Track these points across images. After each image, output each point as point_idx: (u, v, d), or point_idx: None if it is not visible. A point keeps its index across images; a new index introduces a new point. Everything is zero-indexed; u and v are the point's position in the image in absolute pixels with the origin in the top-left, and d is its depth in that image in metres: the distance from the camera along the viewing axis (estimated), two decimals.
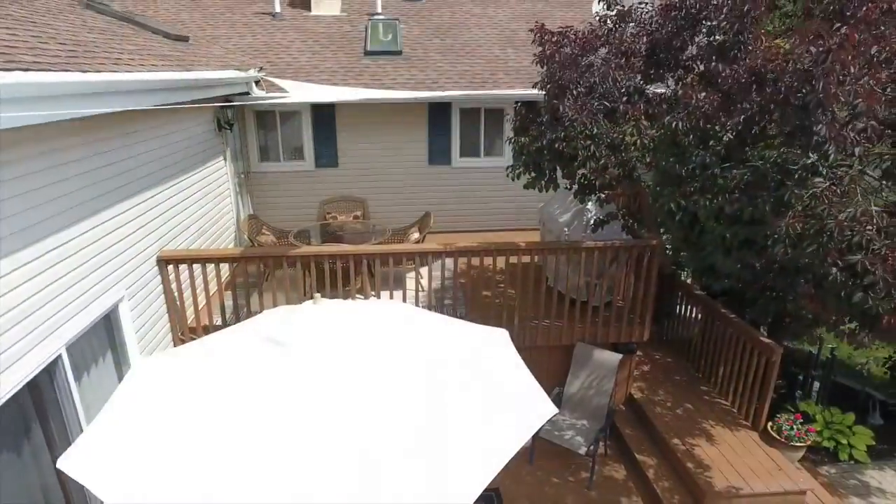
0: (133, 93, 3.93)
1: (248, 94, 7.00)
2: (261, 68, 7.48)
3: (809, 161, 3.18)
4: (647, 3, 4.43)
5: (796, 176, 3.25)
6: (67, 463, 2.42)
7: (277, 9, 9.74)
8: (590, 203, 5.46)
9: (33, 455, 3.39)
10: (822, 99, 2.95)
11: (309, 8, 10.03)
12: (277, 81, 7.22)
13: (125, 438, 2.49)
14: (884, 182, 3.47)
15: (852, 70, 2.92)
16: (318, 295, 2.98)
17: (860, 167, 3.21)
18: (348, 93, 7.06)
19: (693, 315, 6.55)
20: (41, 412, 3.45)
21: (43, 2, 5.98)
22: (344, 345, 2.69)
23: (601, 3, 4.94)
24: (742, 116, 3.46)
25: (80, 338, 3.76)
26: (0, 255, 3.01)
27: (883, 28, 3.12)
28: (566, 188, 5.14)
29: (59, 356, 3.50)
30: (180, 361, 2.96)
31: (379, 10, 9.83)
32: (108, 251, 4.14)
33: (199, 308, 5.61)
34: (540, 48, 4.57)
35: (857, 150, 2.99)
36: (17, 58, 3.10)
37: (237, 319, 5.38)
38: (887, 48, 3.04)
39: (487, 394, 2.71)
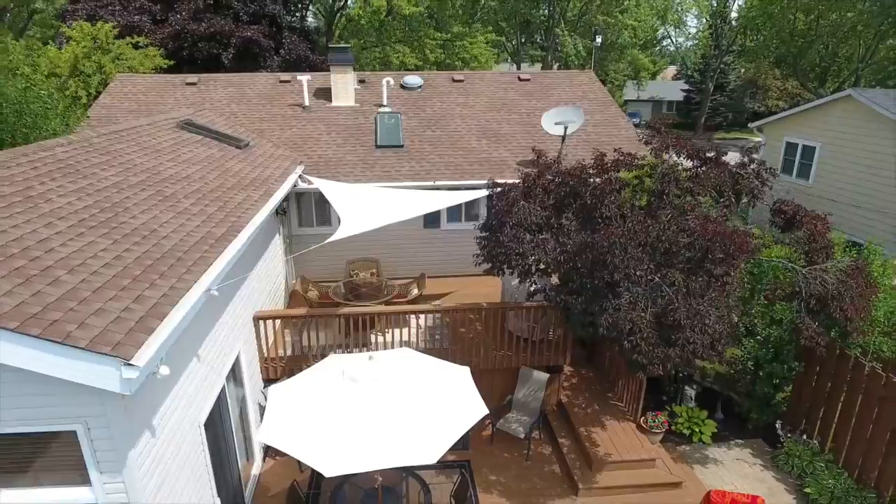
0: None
1: (295, 186, 9.95)
2: (301, 163, 10.41)
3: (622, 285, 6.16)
4: (552, 176, 7.38)
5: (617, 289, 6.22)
6: (260, 435, 5.37)
7: (307, 102, 12.67)
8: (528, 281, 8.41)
9: (224, 438, 6.28)
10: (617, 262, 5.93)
11: (330, 99, 12.95)
12: (312, 179, 10.13)
13: (282, 421, 5.43)
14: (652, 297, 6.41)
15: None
16: (374, 356, 5.92)
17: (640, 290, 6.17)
18: (360, 188, 9.99)
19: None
20: (221, 416, 6.36)
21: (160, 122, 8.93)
22: (385, 378, 5.65)
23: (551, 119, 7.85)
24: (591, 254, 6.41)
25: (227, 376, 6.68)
26: (213, 328, 5.93)
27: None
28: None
29: (224, 385, 6.42)
30: (295, 385, 5.92)
31: (384, 102, 12.77)
32: (239, 318, 7.06)
33: (269, 343, 8.53)
34: (490, 201, 7.52)
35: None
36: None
37: (295, 351, 8.33)
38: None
39: (449, 400, 5.68)
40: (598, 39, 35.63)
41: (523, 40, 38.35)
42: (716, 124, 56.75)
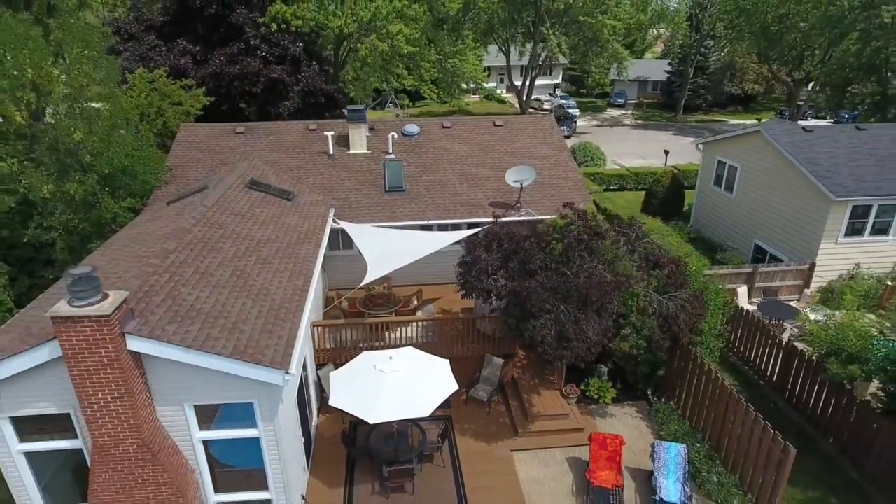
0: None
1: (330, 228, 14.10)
2: (332, 207, 14.51)
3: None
4: (501, 238, 11.51)
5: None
6: (331, 401, 9.75)
7: (332, 150, 16.65)
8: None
9: (302, 403, 10.60)
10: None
11: (348, 147, 16.91)
12: (342, 223, 14.23)
13: (340, 393, 9.78)
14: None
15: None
16: (392, 354, 10.26)
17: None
18: (375, 229, 14.11)
19: None
20: (301, 390, 10.67)
21: (234, 182, 12.98)
22: (399, 367, 10.00)
23: (511, 176, 12.09)
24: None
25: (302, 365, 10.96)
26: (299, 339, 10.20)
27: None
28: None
29: (304, 370, 10.71)
30: (347, 368, 10.27)
31: (390, 150, 16.75)
32: (306, 328, 11.30)
33: (318, 340, 12.80)
34: (467, 244, 11.69)
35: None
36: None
37: (335, 345, 12.63)
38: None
39: (436, 380, 10.06)
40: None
41: (511, 36, 41.55)
42: (696, 105, 60.11)
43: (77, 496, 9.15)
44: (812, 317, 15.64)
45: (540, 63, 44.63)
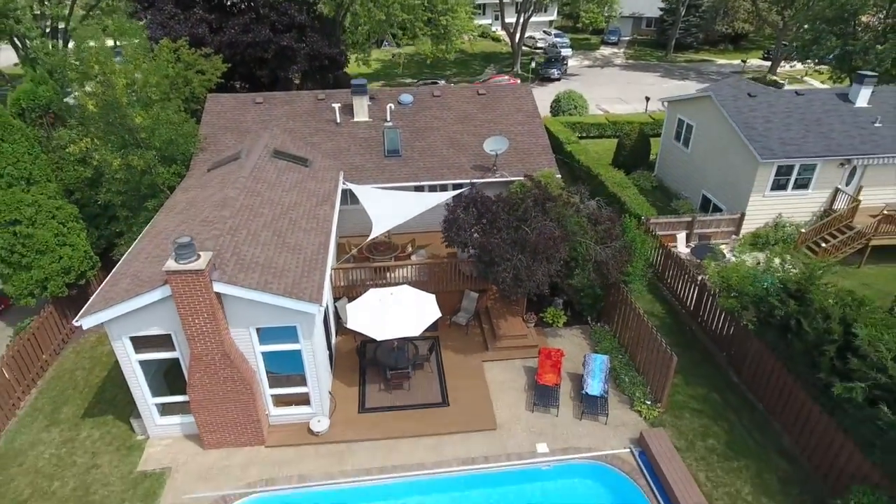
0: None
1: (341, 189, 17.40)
2: (341, 171, 17.72)
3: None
4: (478, 202, 14.82)
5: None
6: (349, 324, 13.53)
7: (338, 119, 19.62)
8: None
9: (326, 325, 14.33)
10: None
11: (352, 115, 19.86)
12: (349, 185, 17.49)
13: (355, 317, 13.52)
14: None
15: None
16: (392, 291, 13.94)
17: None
18: (377, 190, 17.40)
19: None
20: (325, 316, 14.38)
21: (260, 153, 16.21)
22: (398, 300, 13.71)
23: (488, 146, 15.41)
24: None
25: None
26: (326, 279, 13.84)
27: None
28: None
29: (327, 301, 14.38)
30: (359, 301, 13.98)
31: (388, 118, 19.72)
32: (329, 270, 14.90)
33: (335, 278, 16.42)
34: (448, 206, 15.08)
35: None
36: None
37: (350, 281, 16.27)
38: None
39: (424, 309, 13.81)
40: None
41: None
42: (687, 44, 61.23)
43: (167, 391, 13.02)
44: (731, 258, 19.27)
45: (533, 0, 45.76)
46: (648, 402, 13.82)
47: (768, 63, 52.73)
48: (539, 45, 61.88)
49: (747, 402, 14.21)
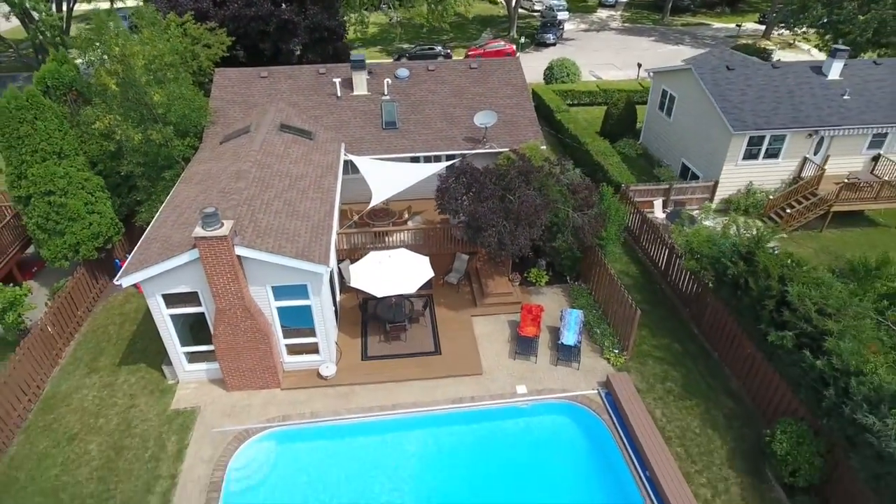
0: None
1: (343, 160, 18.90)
2: (342, 142, 19.18)
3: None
4: (467, 172, 16.36)
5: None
6: (352, 282, 15.31)
7: (339, 93, 20.93)
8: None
9: (332, 284, 16.10)
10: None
11: (352, 89, 21.15)
12: (350, 157, 18.98)
13: (357, 276, 15.28)
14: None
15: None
16: (390, 254, 15.68)
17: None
18: (376, 161, 18.90)
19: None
20: (332, 275, 16.14)
21: (267, 128, 17.67)
22: (396, 263, 15.46)
23: (478, 119, 16.92)
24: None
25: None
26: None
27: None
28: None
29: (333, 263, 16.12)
30: (361, 263, 15.73)
31: (385, 92, 21.03)
32: (334, 234, 16.61)
33: (338, 241, 18.10)
34: (441, 176, 16.64)
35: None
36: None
37: (352, 245, 17.96)
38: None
39: (419, 270, 15.58)
40: None
41: None
42: (684, 6, 61.25)
43: (192, 341, 14.84)
44: (707, 223, 20.93)
45: None
46: (616, 351, 15.72)
47: (763, 28, 53.12)
48: (536, 7, 61.89)
49: (704, 351, 16.14)
